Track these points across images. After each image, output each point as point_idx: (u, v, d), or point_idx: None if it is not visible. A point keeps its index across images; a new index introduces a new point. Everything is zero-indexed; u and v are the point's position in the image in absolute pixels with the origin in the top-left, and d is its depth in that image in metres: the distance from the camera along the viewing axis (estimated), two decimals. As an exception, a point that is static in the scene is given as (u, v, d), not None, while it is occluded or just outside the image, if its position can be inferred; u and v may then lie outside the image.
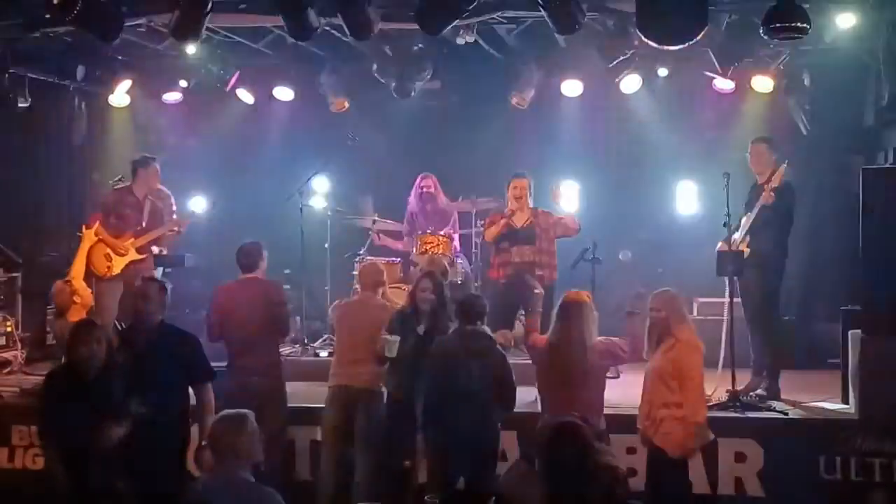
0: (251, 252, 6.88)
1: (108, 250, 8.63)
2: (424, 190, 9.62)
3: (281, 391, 6.86)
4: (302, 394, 7.47)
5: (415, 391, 6.27)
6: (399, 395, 6.53)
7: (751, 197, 7.69)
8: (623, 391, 6.89)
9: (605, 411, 6.13)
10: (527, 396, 7.64)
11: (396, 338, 6.40)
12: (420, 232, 9.34)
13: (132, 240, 8.67)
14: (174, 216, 9.08)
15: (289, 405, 6.97)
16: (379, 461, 6.55)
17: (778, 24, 6.89)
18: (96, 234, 8.61)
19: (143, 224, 8.74)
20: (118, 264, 8.62)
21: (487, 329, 6.20)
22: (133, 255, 8.66)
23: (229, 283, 6.98)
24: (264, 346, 6.78)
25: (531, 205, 8.34)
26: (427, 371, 6.16)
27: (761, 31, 7.02)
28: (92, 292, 8.36)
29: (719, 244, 7.60)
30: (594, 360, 5.97)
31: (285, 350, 8.58)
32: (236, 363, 6.71)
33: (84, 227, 8.63)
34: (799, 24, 6.86)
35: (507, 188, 8.44)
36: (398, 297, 7.81)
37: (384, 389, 6.69)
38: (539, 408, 7.36)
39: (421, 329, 6.50)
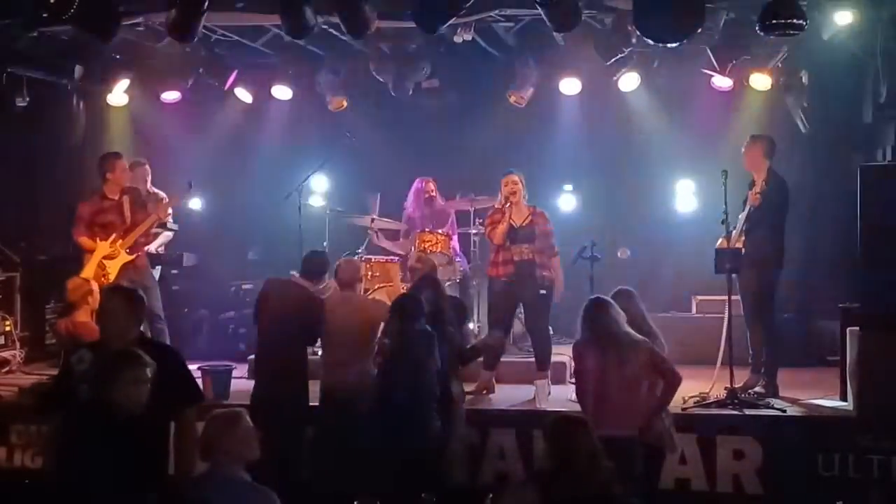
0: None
1: (99, 259, 8.29)
2: (428, 194, 9.54)
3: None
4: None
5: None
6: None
7: (748, 194, 7.68)
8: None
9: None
10: (524, 394, 7.68)
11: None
12: (419, 230, 9.31)
13: (120, 241, 8.33)
14: (170, 221, 8.94)
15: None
16: (375, 459, 6.53)
17: (774, 21, 6.90)
18: (89, 249, 8.34)
19: (127, 222, 8.42)
20: (113, 270, 8.28)
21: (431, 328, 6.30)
22: (124, 257, 8.33)
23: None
24: None
25: (526, 201, 8.22)
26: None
27: (757, 27, 7.03)
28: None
29: (718, 241, 7.59)
30: (641, 361, 5.74)
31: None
32: None
33: (98, 239, 8.29)
34: (795, 20, 6.88)
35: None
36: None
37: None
38: (537, 405, 7.40)
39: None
